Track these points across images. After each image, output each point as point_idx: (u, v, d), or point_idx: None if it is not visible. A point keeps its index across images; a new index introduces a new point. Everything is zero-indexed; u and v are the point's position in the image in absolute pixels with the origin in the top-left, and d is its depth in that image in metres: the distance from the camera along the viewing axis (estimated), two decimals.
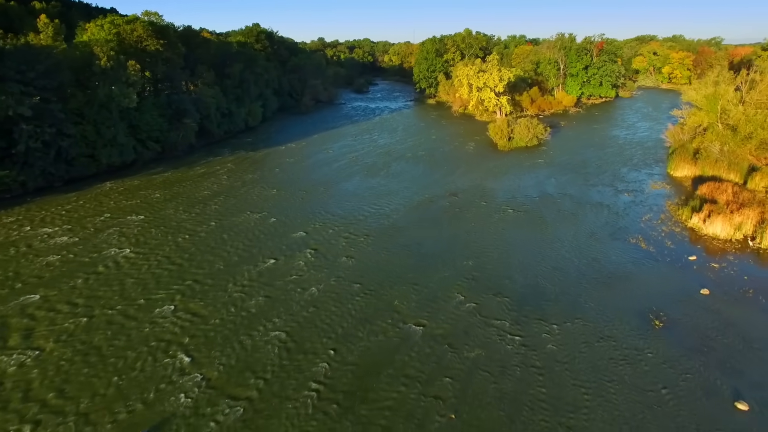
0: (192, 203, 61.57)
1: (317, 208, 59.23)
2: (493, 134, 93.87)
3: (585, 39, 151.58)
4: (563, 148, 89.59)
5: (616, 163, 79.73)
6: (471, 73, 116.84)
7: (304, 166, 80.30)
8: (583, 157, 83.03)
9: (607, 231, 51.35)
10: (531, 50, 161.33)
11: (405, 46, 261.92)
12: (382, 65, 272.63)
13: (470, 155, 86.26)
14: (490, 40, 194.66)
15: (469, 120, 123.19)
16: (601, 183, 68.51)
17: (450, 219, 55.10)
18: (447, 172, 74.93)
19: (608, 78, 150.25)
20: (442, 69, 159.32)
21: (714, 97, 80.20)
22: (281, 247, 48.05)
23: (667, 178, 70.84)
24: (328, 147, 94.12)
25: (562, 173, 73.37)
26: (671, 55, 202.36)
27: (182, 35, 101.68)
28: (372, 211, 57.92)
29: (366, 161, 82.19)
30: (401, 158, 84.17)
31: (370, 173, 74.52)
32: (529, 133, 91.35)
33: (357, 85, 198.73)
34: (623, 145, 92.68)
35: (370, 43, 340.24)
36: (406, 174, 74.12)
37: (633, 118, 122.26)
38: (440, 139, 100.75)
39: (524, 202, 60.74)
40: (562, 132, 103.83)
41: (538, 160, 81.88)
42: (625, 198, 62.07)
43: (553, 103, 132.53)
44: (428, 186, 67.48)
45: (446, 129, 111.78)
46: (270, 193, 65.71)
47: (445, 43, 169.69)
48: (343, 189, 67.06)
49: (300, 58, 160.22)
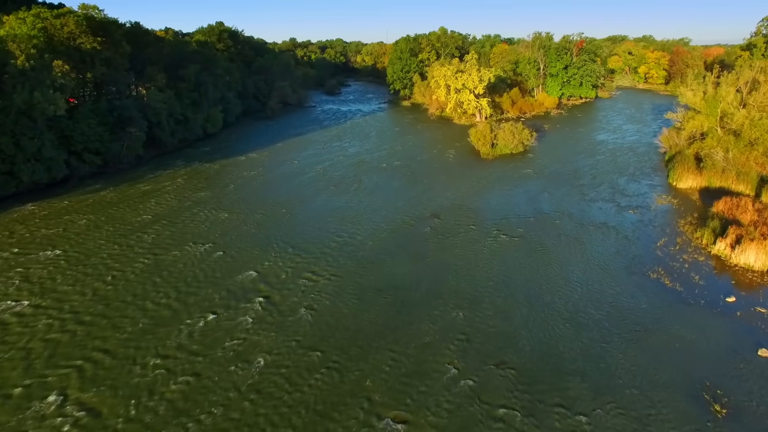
0: (125, 232, 50.58)
1: (275, 236, 48.95)
2: (475, 140, 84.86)
3: (564, 38, 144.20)
4: (552, 156, 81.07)
5: (612, 172, 71.45)
6: (448, 74, 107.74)
7: (264, 181, 69.73)
8: (574, 166, 74.57)
9: (621, 262, 42.48)
10: (509, 50, 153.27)
11: (378, 46, 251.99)
12: (355, 66, 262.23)
13: (451, 165, 76.97)
14: (466, 40, 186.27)
15: (447, 123, 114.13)
16: (600, 197, 59.95)
17: (433, 250, 45.48)
18: (426, 186, 65.42)
19: (589, 78, 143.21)
20: (417, 69, 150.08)
21: (714, 100, 72.60)
22: (225, 295, 37.73)
23: (670, 190, 62.71)
24: (293, 157, 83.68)
25: (555, 186, 64.62)
26: (647, 55, 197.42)
27: (129, 33, 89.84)
28: (340, 240, 47.94)
29: (335, 174, 72.09)
30: (374, 170, 74.34)
31: (339, 190, 64.44)
32: (514, 139, 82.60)
33: (328, 87, 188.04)
34: (614, 151, 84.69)
35: (342, 43, 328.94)
36: (380, 190, 64.29)
37: (618, 121, 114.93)
38: (417, 145, 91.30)
39: (518, 223, 51.61)
40: (547, 137, 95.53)
41: (526, 170, 73.05)
42: (631, 216, 53.52)
43: (535, 105, 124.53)
44: (406, 205, 57.83)
45: (423, 134, 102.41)
46: (221, 216, 55.14)
47: (420, 43, 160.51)
48: (306, 211, 56.85)
49: (266, 59, 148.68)
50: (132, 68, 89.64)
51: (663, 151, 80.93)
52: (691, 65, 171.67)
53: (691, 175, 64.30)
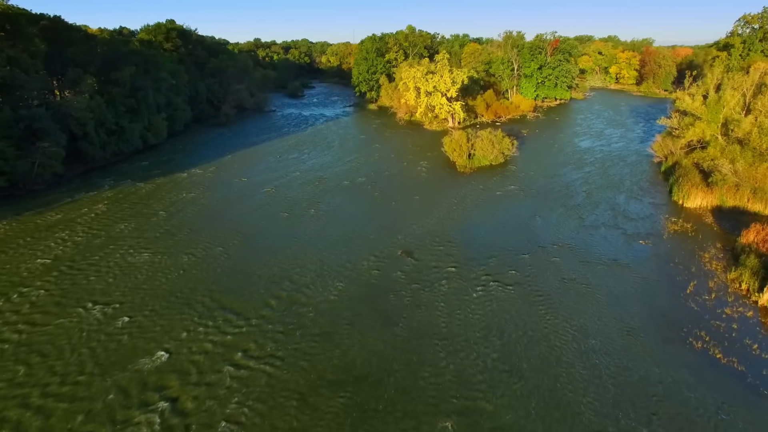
0: (4, 287, 37.99)
1: (202, 291, 37.07)
2: (450, 150, 74.41)
3: (537, 36, 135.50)
4: (536, 168, 71.26)
5: (606, 187, 61.97)
6: (418, 76, 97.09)
7: (203, 206, 57.46)
8: (563, 180, 64.87)
9: (649, 321, 32.35)
10: (481, 49, 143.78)
11: (344, 46, 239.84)
12: (320, 66, 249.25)
13: (424, 181, 66.20)
14: (435, 39, 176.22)
15: (417, 129, 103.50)
16: (601, 222, 50.14)
17: (406, 310, 34.38)
18: (395, 211, 54.47)
19: (564, 79, 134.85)
20: (384, 70, 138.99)
21: (717, 105, 63.96)
22: (114, 398, 25.76)
23: (678, 211, 53.44)
24: (243, 172, 71.46)
25: (546, 207, 54.60)
26: (618, 55, 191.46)
27: (46, 29, 76.05)
28: (285, 295, 36.36)
29: (288, 196, 60.36)
30: (335, 189, 62.94)
31: (292, 217, 52.79)
32: (493, 149, 72.45)
33: (291, 89, 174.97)
34: (603, 160, 75.48)
35: (308, 43, 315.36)
36: (340, 217, 52.93)
37: (598, 125, 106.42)
38: (384, 157, 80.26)
39: (510, 263, 41.10)
40: (527, 144, 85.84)
41: (510, 186, 62.91)
42: (642, 249, 43.75)
43: (510, 108, 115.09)
44: (371, 239, 46.65)
45: (391, 142, 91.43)
46: (139, 259, 42.90)
47: (387, 42, 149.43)
48: (247, 249, 44.91)
49: (221, 60, 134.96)
50: (50, 70, 76.01)
51: (657, 161, 72.14)
52: (663, 66, 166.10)
53: (699, 192, 55.21)
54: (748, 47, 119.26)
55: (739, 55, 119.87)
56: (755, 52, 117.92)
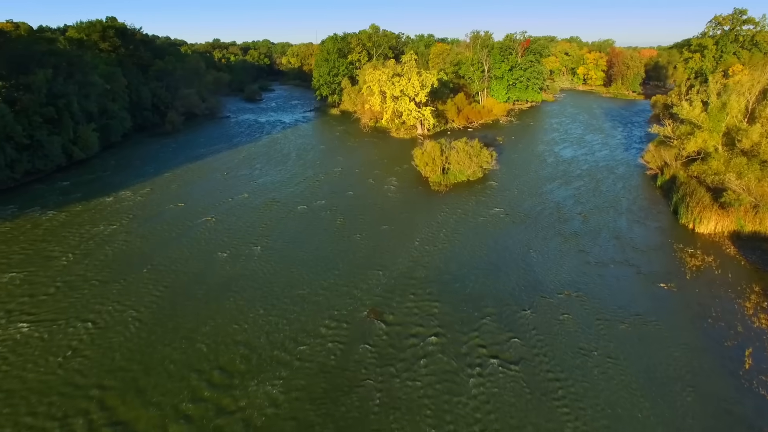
0: None
1: (79, 398, 25.83)
2: (421, 164, 64.66)
3: (507, 36, 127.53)
4: (520, 184, 62.28)
5: (602, 208, 53.40)
6: (383, 79, 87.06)
7: (122, 244, 45.70)
8: (553, 200, 56.01)
9: (714, 425, 23.31)
10: (448, 49, 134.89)
11: (305, 46, 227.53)
12: (281, 68, 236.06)
13: (393, 204, 56.17)
14: (399, 39, 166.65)
15: (384, 137, 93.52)
16: (608, 257, 41.22)
17: (376, 423, 24.32)
18: (361, 248, 44.21)
19: (536, 81, 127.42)
20: (347, 72, 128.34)
21: (720, 113, 56.33)
22: None
23: (692, 239, 45.10)
24: (182, 195, 59.84)
25: (540, 237, 45.38)
26: (585, 56, 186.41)
27: None
28: (202, 409, 25.75)
29: (231, 226, 49.29)
30: (289, 217, 52.19)
31: (231, 261, 41.72)
32: (471, 162, 63.08)
33: (248, 93, 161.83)
34: (591, 173, 67.21)
35: (268, 44, 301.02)
36: (292, 258, 42.10)
37: (576, 130, 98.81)
38: (347, 171, 69.85)
39: (508, 323, 31.41)
40: (505, 155, 76.90)
41: (493, 208, 53.55)
42: (667, 296, 34.92)
43: (483, 113, 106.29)
44: (330, 291, 36.20)
45: (355, 153, 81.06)
46: (13, 333, 31.33)
47: (349, 42, 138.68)
48: (164, 317, 33.51)
49: (168, 62, 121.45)
50: None
51: (651, 174, 64.31)
52: (632, 67, 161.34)
53: (712, 215, 47.06)
54: (721, 49, 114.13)
55: (712, 57, 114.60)
56: (728, 54, 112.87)
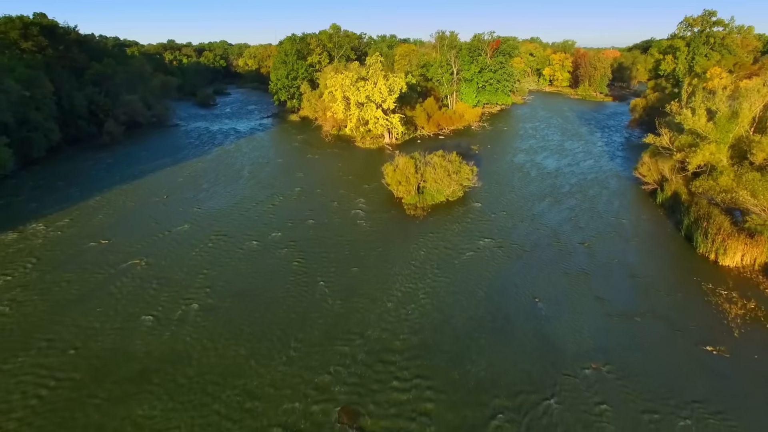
0: None
1: None
2: (393, 183, 55.40)
3: (475, 36, 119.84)
4: (506, 204, 53.80)
5: (605, 235, 45.38)
6: (347, 84, 77.31)
7: (9, 307, 34.48)
8: (548, 226, 47.68)
9: None
10: (414, 50, 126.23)
11: (263, 47, 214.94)
12: (238, 70, 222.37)
13: (363, 236, 46.55)
14: (362, 40, 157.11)
15: (348, 147, 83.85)
16: (630, 306, 32.87)
17: None
18: (326, 305, 34.41)
19: (506, 83, 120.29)
20: (307, 76, 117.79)
21: (729, 123, 49.33)
22: None
23: (720, 275, 37.43)
24: (107, 229, 48.31)
25: (544, 279, 36.72)
26: (551, 57, 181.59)
27: None
28: None
29: (163, 274, 38.50)
30: (235, 256, 41.83)
31: (157, 330, 31.03)
32: (450, 180, 54.16)
33: (201, 97, 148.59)
34: (581, 188, 59.52)
35: (225, 45, 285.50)
36: (238, 324, 31.71)
37: (553, 136, 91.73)
38: (308, 192, 59.81)
39: (529, 429, 22.63)
40: (484, 167, 68.29)
41: (481, 239, 44.71)
42: (720, 368, 26.69)
43: (454, 119, 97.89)
44: (285, 384, 26.16)
45: (316, 168, 71.01)
46: None
47: (309, 43, 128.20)
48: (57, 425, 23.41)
49: (107, 64, 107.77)
50: None
51: (649, 189, 57.06)
52: (599, 68, 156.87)
53: (738, 245, 39.63)
54: (693, 50, 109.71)
55: (684, 58, 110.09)
56: (700, 55, 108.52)
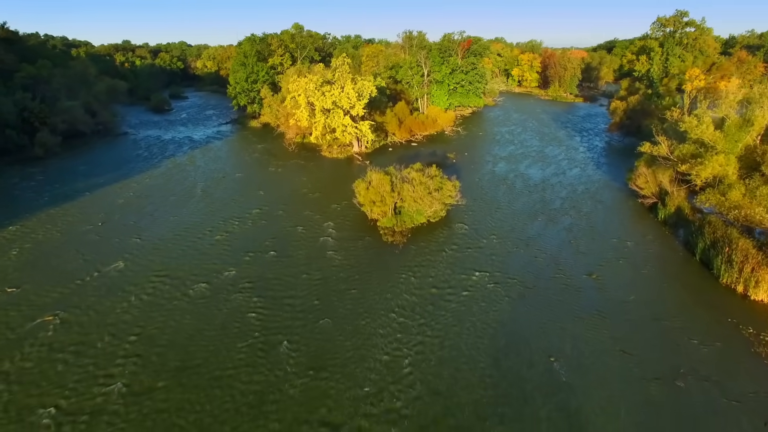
0: None
1: None
2: (367, 203, 47.87)
3: (445, 36, 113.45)
4: (497, 227, 47.00)
5: (612, 263, 39.14)
6: (311, 88, 69.30)
7: None
8: (548, 252, 41.11)
9: None
10: (382, 51, 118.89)
11: (222, 49, 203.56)
12: (197, 73, 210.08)
13: (333, 271, 38.71)
14: (326, 40, 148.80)
15: (314, 157, 75.80)
16: (665, 364, 26.50)
17: None
18: (292, 386, 26.56)
19: (478, 84, 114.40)
20: (268, 78, 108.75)
21: (740, 131, 44.02)
22: None
23: (760, 315, 31.63)
24: (19, 270, 38.66)
25: (555, 327, 29.88)
26: (519, 57, 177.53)
27: None
28: None
29: (80, 336, 29.65)
30: (178, 307, 33.32)
31: (65, 419, 23.02)
32: (432, 200, 47.02)
33: (155, 102, 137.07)
34: (574, 203, 53.47)
35: (184, 46, 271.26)
36: (165, 423, 23.90)
37: (532, 141, 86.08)
38: (269, 214, 51.54)
39: None
40: (464, 178, 61.18)
41: (474, 271, 37.64)
42: None
43: (427, 124, 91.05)
44: None
45: (279, 184, 62.73)
46: None
47: (270, 44, 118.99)
48: None
49: (41, 66, 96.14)
50: None
51: (648, 204, 51.40)
52: (569, 68, 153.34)
53: None
54: (667, 51, 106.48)
55: (659, 59, 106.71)
56: (673, 56, 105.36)
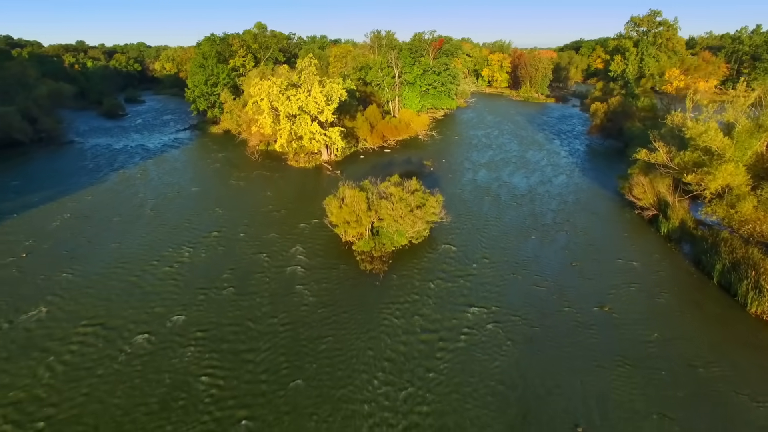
0: None
1: None
2: (340, 223, 41.65)
3: (416, 36, 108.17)
4: (488, 248, 41.49)
5: (622, 289, 34.21)
6: (274, 92, 62.54)
7: None
8: (549, 278, 35.85)
9: None
10: (351, 51, 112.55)
11: (182, 50, 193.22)
12: (155, 75, 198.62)
13: (303, 312, 32.25)
14: (291, 40, 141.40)
15: (279, 167, 68.94)
16: None
17: None
18: None
19: (451, 85, 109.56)
20: (229, 81, 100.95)
21: (752, 138, 39.95)
22: None
23: None
24: None
25: (579, 391, 24.49)
26: (489, 57, 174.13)
27: None
28: None
29: None
30: (108, 370, 25.93)
31: None
32: (415, 219, 41.20)
33: (108, 107, 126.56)
34: (567, 216, 48.66)
35: (144, 47, 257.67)
36: None
37: (511, 145, 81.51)
38: (228, 239, 44.63)
39: None
40: (445, 189, 55.57)
41: (468, 307, 32.00)
42: None
43: (400, 128, 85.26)
44: None
45: (240, 200, 55.71)
46: None
47: (231, 44, 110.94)
48: None
49: None
50: None
51: (648, 217, 46.97)
52: (540, 69, 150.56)
53: None
54: (642, 51, 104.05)
55: (634, 59, 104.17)
56: (648, 56, 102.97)
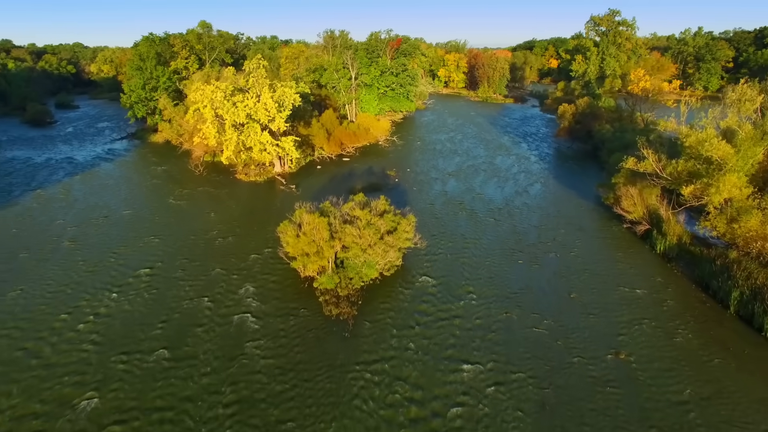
0: None
1: None
2: (299, 254, 34.79)
3: (372, 35, 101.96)
4: (473, 280, 35.66)
5: (635, 327, 29.24)
6: (218, 97, 54.66)
7: None
8: (551, 317, 30.44)
9: None
10: (303, 51, 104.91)
11: (121, 51, 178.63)
12: (92, 78, 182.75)
13: (256, 391, 25.05)
14: (239, 40, 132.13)
15: (226, 182, 60.99)
16: None
17: None
18: None
19: (409, 87, 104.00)
20: (170, 85, 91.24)
21: (757, 145, 36.09)
22: None
23: None
24: None
25: None
26: (445, 57, 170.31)
27: None
28: None
29: None
30: None
31: None
32: (386, 247, 34.87)
33: (32, 114, 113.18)
34: (552, 232, 43.77)
35: (80, 47, 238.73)
36: None
37: (478, 150, 76.66)
38: (162, 279, 36.73)
39: None
40: (413, 203, 49.93)
41: (462, 366, 25.89)
42: None
43: (359, 134, 78.66)
44: None
45: (180, 225, 47.53)
46: None
47: (172, 45, 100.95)
48: None
49: None
50: None
51: (641, 232, 42.69)
52: (498, 69, 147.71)
53: None
54: (602, 51, 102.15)
55: (595, 59, 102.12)
56: (609, 56, 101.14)
